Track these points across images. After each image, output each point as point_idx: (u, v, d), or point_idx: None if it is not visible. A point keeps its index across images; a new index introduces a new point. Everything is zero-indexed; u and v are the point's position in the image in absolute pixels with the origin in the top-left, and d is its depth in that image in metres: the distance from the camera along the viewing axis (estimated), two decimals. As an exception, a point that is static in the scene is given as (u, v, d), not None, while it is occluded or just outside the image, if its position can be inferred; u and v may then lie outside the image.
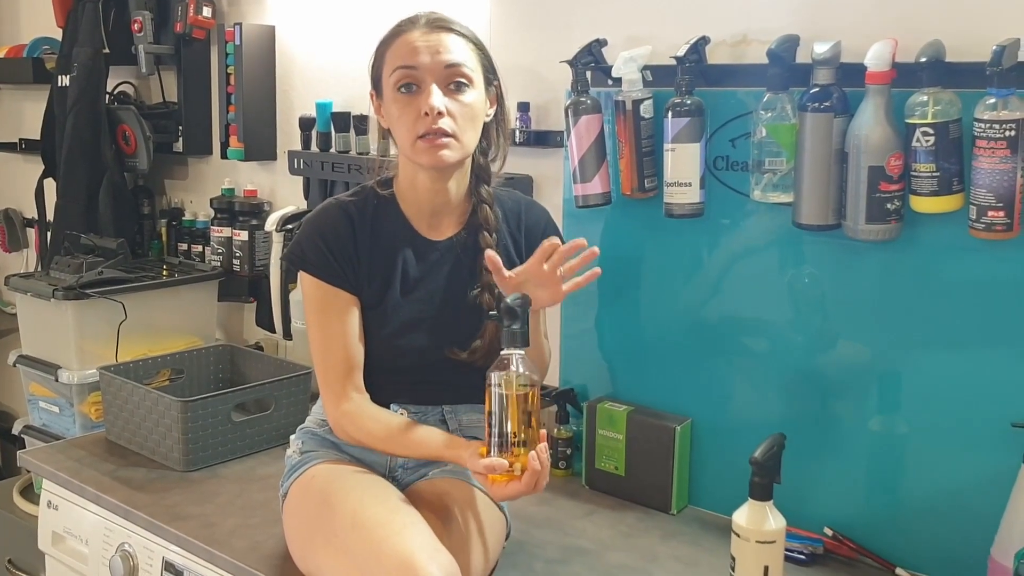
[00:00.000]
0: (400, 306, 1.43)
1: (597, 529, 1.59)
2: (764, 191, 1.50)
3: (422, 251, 1.45)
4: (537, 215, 1.54)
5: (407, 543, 1.20)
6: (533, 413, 1.25)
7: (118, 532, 1.66)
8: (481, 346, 1.43)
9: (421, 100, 1.35)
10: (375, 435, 1.39)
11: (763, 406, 1.60)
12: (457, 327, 1.44)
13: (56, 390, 2.32)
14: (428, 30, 1.37)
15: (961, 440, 1.41)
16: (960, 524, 1.41)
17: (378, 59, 1.42)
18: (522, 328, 1.25)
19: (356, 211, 1.44)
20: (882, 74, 1.36)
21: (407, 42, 1.37)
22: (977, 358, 1.39)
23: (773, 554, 1.32)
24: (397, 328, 1.43)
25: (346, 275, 1.42)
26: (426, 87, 1.36)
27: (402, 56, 1.37)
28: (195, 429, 1.76)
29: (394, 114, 1.39)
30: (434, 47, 1.36)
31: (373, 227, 1.44)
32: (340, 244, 1.42)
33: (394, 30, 1.40)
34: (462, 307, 1.44)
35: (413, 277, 1.44)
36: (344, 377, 1.41)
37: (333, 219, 1.44)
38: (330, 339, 1.42)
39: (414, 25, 1.38)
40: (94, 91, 2.61)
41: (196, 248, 2.62)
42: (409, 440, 1.37)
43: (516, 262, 1.48)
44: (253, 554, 1.45)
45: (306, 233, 1.44)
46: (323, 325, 1.42)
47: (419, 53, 1.36)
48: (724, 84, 1.58)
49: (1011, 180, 1.28)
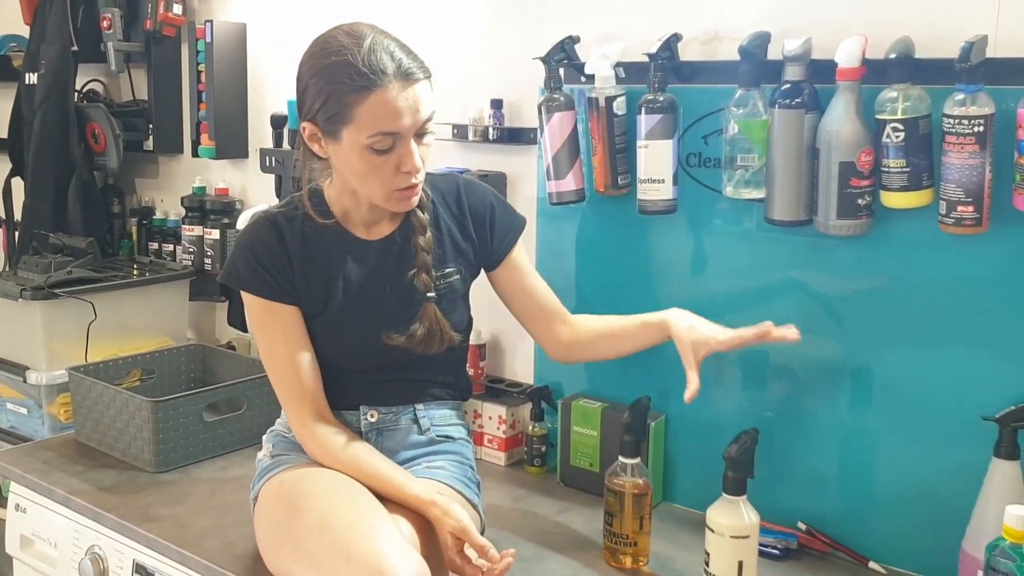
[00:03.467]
0: (346, 310, 1.42)
1: (573, 526, 1.59)
2: (736, 187, 1.51)
3: (360, 253, 1.43)
4: (480, 195, 1.51)
5: (376, 545, 1.19)
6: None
7: (88, 534, 1.63)
8: (422, 329, 1.41)
9: (401, 157, 1.31)
10: (338, 461, 1.36)
11: (736, 402, 1.60)
12: (403, 319, 1.42)
13: (24, 391, 2.29)
14: (403, 85, 1.28)
15: (933, 434, 1.42)
16: (932, 517, 1.42)
17: (337, 104, 1.29)
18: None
19: (285, 222, 1.41)
20: (852, 70, 1.36)
21: (385, 103, 1.27)
22: (948, 352, 1.40)
23: (747, 549, 1.33)
24: (347, 332, 1.42)
25: (282, 288, 1.40)
26: (403, 145, 1.31)
27: (383, 121, 1.28)
28: (166, 430, 1.74)
29: (358, 168, 1.32)
30: (413, 106, 1.29)
31: (305, 236, 1.41)
32: (272, 257, 1.39)
33: (363, 80, 1.27)
34: (406, 296, 1.43)
35: (355, 280, 1.42)
36: (302, 398, 1.39)
37: (263, 234, 1.41)
38: (278, 359, 1.40)
39: (386, 79, 1.27)
40: (62, 89, 2.57)
41: (167, 247, 2.60)
42: (376, 482, 1.34)
43: (463, 246, 1.47)
44: (225, 555, 1.44)
45: (238, 251, 1.42)
46: (269, 344, 1.41)
47: (402, 116, 1.28)
48: (696, 81, 1.59)
49: (980, 175, 1.29)
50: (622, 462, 1.45)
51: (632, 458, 1.44)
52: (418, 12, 2.01)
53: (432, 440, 1.49)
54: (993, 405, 1.33)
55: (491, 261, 1.51)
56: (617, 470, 1.45)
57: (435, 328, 1.41)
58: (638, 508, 1.43)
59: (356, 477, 1.34)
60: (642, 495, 1.43)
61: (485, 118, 1.90)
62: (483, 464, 1.82)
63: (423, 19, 2.01)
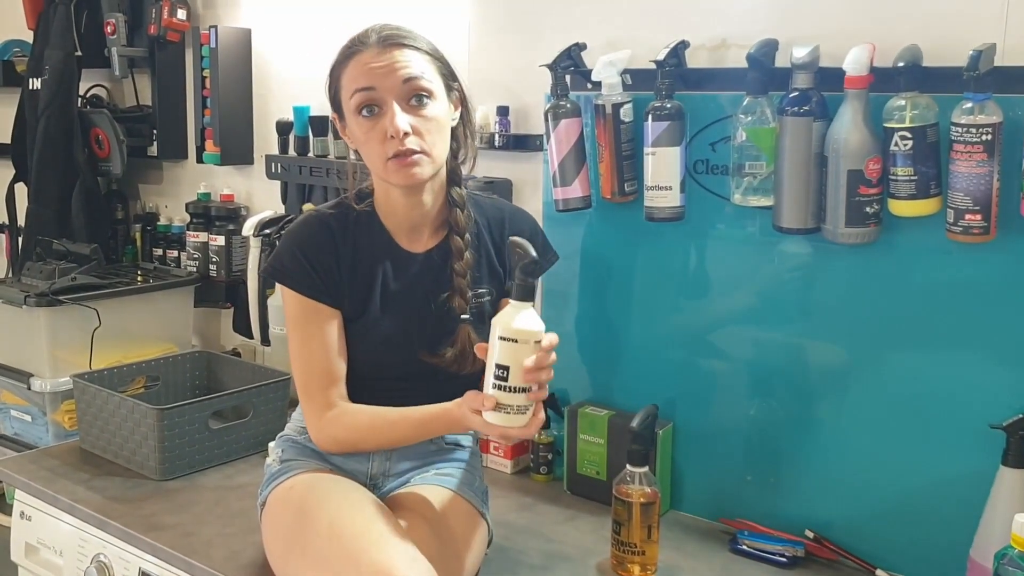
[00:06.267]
0: (380, 320, 1.42)
1: (580, 534, 1.58)
2: (744, 195, 1.50)
3: (401, 264, 1.44)
4: (521, 223, 1.51)
5: (385, 553, 1.19)
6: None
7: (93, 543, 1.63)
8: (453, 351, 1.41)
9: (385, 121, 1.32)
10: (362, 426, 1.38)
11: (744, 409, 1.60)
12: (437, 337, 1.42)
13: (28, 398, 2.29)
14: (381, 48, 1.33)
15: (940, 442, 1.42)
16: (940, 525, 1.42)
17: (334, 82, 1.38)
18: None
19: (336, 224, 1.42)
20: (860, 78, 1.36)
21: (361, 63, 1.33)
22: (956, 361, 1.40)
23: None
24: (377, 341, 1.42)
25: (327, 288, 1.40)
26: (388, 107, 1.32)
27: (358, 79, 1.33)
28: (171, 437, 1.74)
29: (359, 137, 1.36)
30: (390, 65, 1.32)
31: (355, 240, 1.42)
32: (321, 257, 1.40)
33: (346, 51, 1.36)
34: (441, 316, 1.43)
35: (393, 290, 1.43)
36: (327, 388, 1.39)
37: (314, 232, 1.42)
38: (312, 352, 1.40)
39: (365, 44, 1.34)
40: (66, 94, 2.58)
41: (172, 253, 2.59)
42: (398, 418, 1.35)
43: (498, 271, 1.47)
44: (231, 564, 1.43)
45: (286, 246, 1.42)
46: (304, 339, 1.41)
47: (375, 74, 1.32)
48: (704, 88, 1.58)
49: (988, 184, 1.29)
50: (630, 471, 1.45)
51: (640, 467, 1.44)
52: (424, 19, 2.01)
53: (442, 448, 1.49)
54: (1000, 413, 1.33)
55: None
56: (625, 479, 1.45)
57: (468, 351, 1.40)
58: (646, 517, 1.43)
59: (385, 432, 1.36)
60: (650, 504, 1.43)
61: (491, 125, 1.90)
62: (489, 472, 1.81)
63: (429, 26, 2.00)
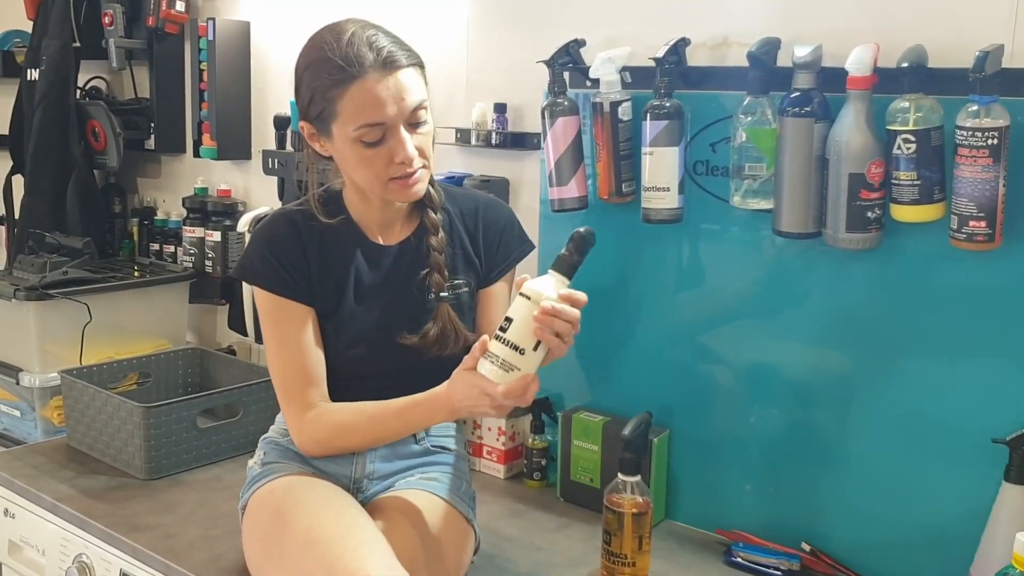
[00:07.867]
0: (356, 314, 1.39)
1: (570, 543, 1.55)
2: (744, 197, 1.47)
3: (375, 257, 1.41)
4: (496, 213, 1.48)
5: (361, 561, 1.16)
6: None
7: (75, 542, 1.60)
8: (435, 328, 1.38)
9: (392, 148, 1.28)
10: (344, 424, 1.35)
11: (742, 418, 1.56)
12: (418, 317, 1.39)
13: (17, 393, 2.27)
14: (383, 73, 1.25)
15: (941, 455, 1.38)
16: (939, 540, 1.39)
17: (322, 100, 1.28)
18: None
19: (303, 220, 1.40)
20: (863, 79, 1.33)
21: (366, 93, 1.25)
22: (958, 371, 1.36)
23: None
24: (354, 336, 1.39)
25: (298, 285, 1.38)
26: (393, 134, 1.28)
27: (365, 112, 1.26)
28: (158, 436, 1.71)
29: (352, 159, 1.31)
30: (397, 94, 1.26)
31: (322, 236, 1.39)
32: (288, 255, 1.38)
33: (340, 72, 1.25)
34: (421, 296, 1.40)
35: (367, 284, 1.40)
36: (305, 388, 1.37)
37: (280, 230, 1.39)
38: (288, 352, 1.37)
39: (365, 68, 1.25)
40: (63, 85, 2.55)
41: (169, 248, 2.57)
42: (379, 410, 1.33)
43: (474, 261, 1.45)
44: (212, 567, 1.41)
45: (254, 246, 1.40)
46: (280, 339, 1.38)
47: (385, 105, 1.26)
48: (704, 87, 1.55)
49: (993, 190, 1.25)
50: (622, 480, 1.41)
51: (632, 476, 1.41)
52: (421, 14, 1.98)
53: (427, 450, 1.46)
54: (1004, 426, 1.29)
55: (486, 280, 1.47)
56: (617, 488, 1.41)
57: (449, 328, 1.38)
58: (638, 527, 1.39)
59: (368, 426, 1.34)
60: (642, 514, 1.39)
61: (488, 122, 1.87)
62: (482, 476, 1.79)
63: (426, 22, 1.97)
